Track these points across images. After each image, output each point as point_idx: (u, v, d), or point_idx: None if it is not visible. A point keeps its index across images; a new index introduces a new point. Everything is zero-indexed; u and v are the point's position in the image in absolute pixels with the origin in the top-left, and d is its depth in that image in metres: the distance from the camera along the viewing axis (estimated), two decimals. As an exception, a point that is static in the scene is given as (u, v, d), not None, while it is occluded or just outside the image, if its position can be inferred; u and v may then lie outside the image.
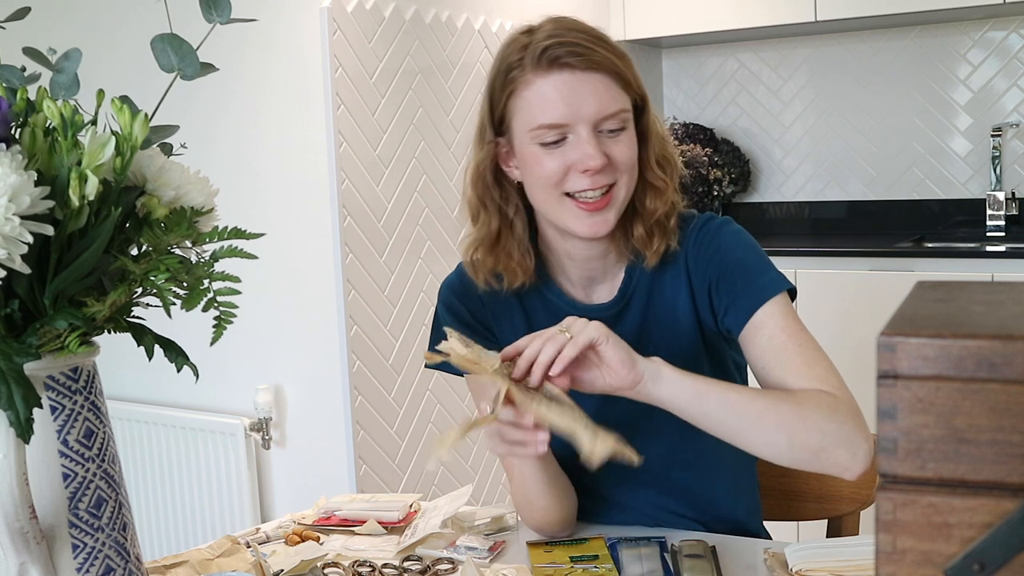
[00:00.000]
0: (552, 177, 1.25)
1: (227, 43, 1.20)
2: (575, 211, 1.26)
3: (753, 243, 1.34)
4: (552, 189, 1.26)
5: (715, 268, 1.30)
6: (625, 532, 1.33)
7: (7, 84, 0.93)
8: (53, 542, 0.89)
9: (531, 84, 1.25)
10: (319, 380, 2.67)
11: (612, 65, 1.24)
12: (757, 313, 1.26)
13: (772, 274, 1.29)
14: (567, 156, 1.24)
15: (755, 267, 1.30)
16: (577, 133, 1.24)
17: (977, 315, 0.55)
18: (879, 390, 0.53)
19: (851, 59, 3.61)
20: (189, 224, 0.89)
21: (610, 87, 1.24)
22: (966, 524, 0.52)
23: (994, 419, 0.51)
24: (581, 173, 1.24)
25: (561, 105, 1.23)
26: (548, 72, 1.24)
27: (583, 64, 1.23)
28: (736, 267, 1.30)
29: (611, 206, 1.26)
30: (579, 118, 1.23)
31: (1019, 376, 0.50)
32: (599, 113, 1.23)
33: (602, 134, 1.25)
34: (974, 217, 3.42)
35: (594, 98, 1.23)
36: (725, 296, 1.29)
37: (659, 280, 1.34)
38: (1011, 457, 0.51)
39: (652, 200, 1.30)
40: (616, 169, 1.26)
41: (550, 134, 1.25)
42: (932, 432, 0.52)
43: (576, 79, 1.23)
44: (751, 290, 1.27)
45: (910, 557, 0.53)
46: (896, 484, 0.53)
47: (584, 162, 1.23)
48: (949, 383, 0.51)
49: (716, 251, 1.31)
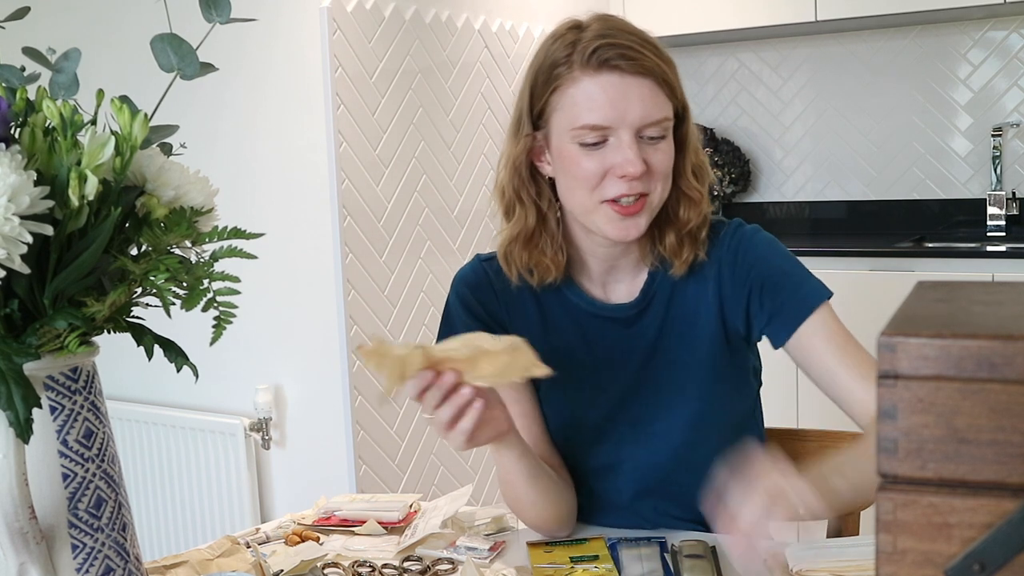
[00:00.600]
0: (590, 179, 1.25)
1: (227, 43, 1.20)
2: (610, 214, 1.25)
3: (786, 250, 1.35)
4: (589, 192, 1.25)
5: (756, 276, 1.31)
6: (625, 532, 1.33)
7: (7, 84, 0.93)
8: (53, 542, 0.89)
9: (578, 82, 1.24)
10: (319, 380, 2.67)
11: (660, 71, 1.24)
12: (806, 323, 1.28)
13: (813, 282, 1.31)
14: (606, 159, 1.24)
15: (796, 276, 1.31)
16: (619, 137, 1.23)
17: (977, 315, 0.55)
18: (879, 390, 0.53)
19: (851, 59, 3.61)
20: (189, 224, 0.89)
21: (656, 94, 1.24)
22: (966, 524, 0.52)
23: (994, 419, 0.51)
24: (619, 178, 1.23)
25: (607, 107, 1.22)
26: (597, 72, 1.23)
27: (633, 68, 1.22)
28: (779, 276, 1.30)
29: (644, 212, 1.26)
30: (623, 122, 1.22)
31: (1019, 376, 0.50)
32: (644, 119, 1.23)
33: (643, 140, 1.24)
34: (974, 217, 3.42)
35: (640, 103, 1.22)
36: (768, 305, 1.30)
37: (682, 286, 1.34)
38: (1011, 457, 0.51)
39: (686, 210, 1.31)
40: (652, 177, 1.25)
41: (592, 135, 1.23)
42: (932, 432, 0.52)
43: (625, 82, 1.22)
44: (797, 298, 1.29)
45: (910, 557, 0.53)
46: (896, 484, 0.53)
47: (623, 167, 1.22)
48: (949, 383, 0.51)
49: (756, 260, 1.31)
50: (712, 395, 1.33)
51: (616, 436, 1.36)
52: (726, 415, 1.35)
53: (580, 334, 1.36)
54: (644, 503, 1.38)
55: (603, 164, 1.24)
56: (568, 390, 1.36)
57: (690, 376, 1.33)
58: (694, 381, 1.33)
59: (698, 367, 1.32)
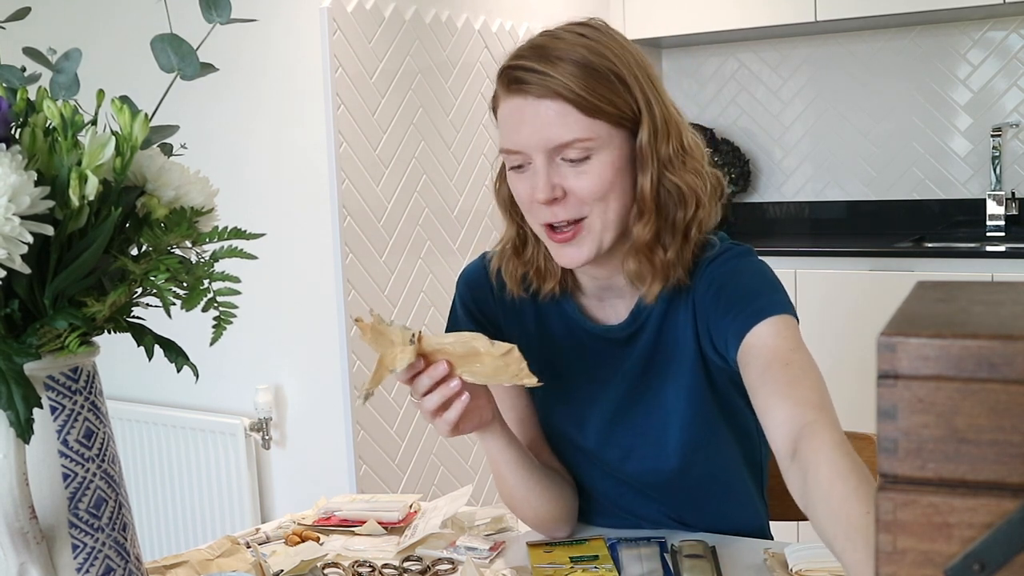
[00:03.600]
0: (523, 203, 1.21)
1: (227, 43, 1.20)
2: (549, 240, 1.21)
3: (761, 269, 1.24)
4: (529, 215, 1.22)
5: (710, 298, 1.22)
6: (625, 532, 1.33)
7: (7, 84, 0.93)
8: (53, 542, 0.89)
9: (500, 105, 1.21)
10: (319, 380, 2.67)
11: (567, 92, 1.14)
12: (748, 335, 1.16)
13: (770, 297, 1.19)
14: (529, 183, 1.19)
15: (754, 290, 1.20)
16: (533, 161, 1.17)
17: (977, 315, 0.55)
18: (879, 390, 0.53)
19: (851, 59, 3.61)
20: (189, 224, 0.89)
21: (566, 115, 1.14)
22: (966, 524, 0.52)
23: (994, 419, 0.51)
24: (539, 203, 1.18)
25: (514, 132, 1.17)
26: (508, 95, 1.18)
27: (535, 90, 1.15)
28: (734, 293, 1.20)
29: (582, 238, 1.18)
30: (530, 147, 1.16)
31: (1019, 376, 0.50)
32: (548, 143, 1.15)
33: (564, 163, 1.16)
34: (974, 217, 3.42)
35: (544, 127, 1.15)
36: (722, 323, 1.21)
37: (672, 310, 1.27)
38: (1011, 457, 0.51)
39: (638, 226, 1.20)
40: (580, 201, 1.17)
41: (512, 159, 1.19)
42: (932, 432, 0.52)
43: (528, 105, 1.16)
44: (745, 312, 1.18)
45: (910, 557, 0.53)
46: (896, 484, 0.53)
47: (533, 194, 1.17)
48: (949, 383, 0.51)
49: (720, 285, 1.22)
50: (700, 421, 1.28)
51: (609, 453, 1.34)
52: (716, 439, 1.31)
53: (575, 348, 1.33)
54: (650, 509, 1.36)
55: (528, 189, 1.19)
56: (561, 403, 1.35)
57: (679, 400, 1.28)
58: (682, 405, 1.28)
59: (685, 392, 1.28)
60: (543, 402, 1.36)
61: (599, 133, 1.16)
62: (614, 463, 1.34)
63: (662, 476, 1.32)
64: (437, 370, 1.13)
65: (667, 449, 1.29)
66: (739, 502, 1.37)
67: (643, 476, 1.33)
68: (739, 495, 1.36)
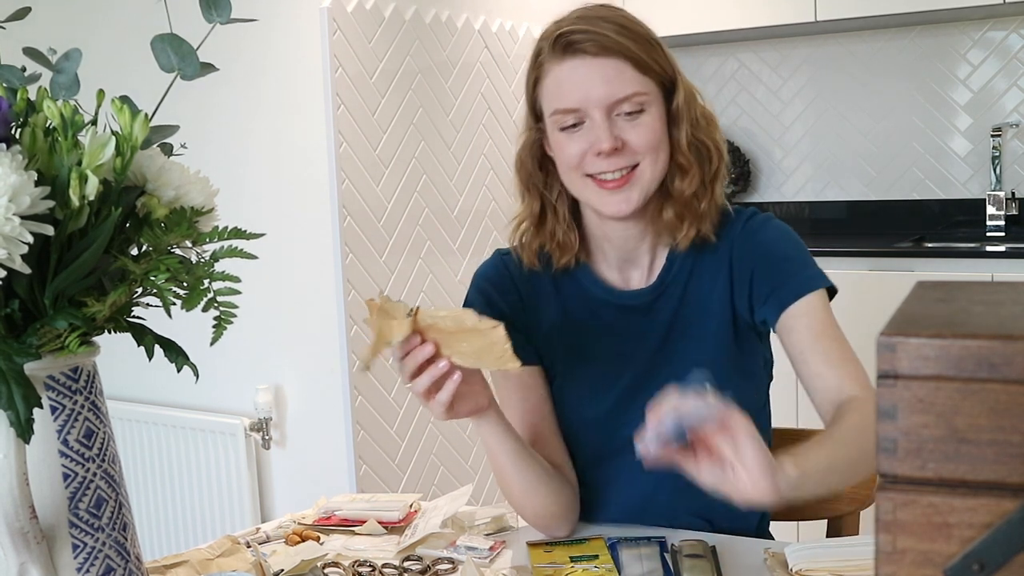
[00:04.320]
0: (572, 160, 1.29)
1: (227, 43, 1.20)
2: (596, 191, 1.29)
3: (797, 239, 1.36)
4: (574, 171, 1.29)
5: (759, 257, 1.33)
6: (625, 532, 1.33)
7: (7, 84, 0.93)
8: (53, 542, 0.89)
9: (550, 71, 1.29)
10: (319, 380, 2.67)
11: (624, 49, 1.26)
12: (798, 303, 1.29)
13: (815, 269, 1.32)
14: (584, 140, 1.27)
15: (799, 260, 1.33)
16: (591, 117, 1.26)
17: (977, 315, 0.55)
18: (879, 390, 0.53)
19: (851, 59, 3.61)
20: (189, 224, 0.89)
21: (623, 71, 1.26)
22: (966, 524, 0.52)
23: (994, 419, 0.51)
24: (595, 156, 1.27)
25: (573, 90, 1.26)
26: (563, 59, 1.27)
27: (594, 49, 1.25)
28: (781, 258, 1.32)
29: (632, 185, 1.28)
30: (591, 102, 1.26)
31: (1019, 376, 0.50)
32: (609, 97, 1.25)
33: (619, 117, 1.27)
34: (974, 217, 3.42)
35: (604, 83, 1.25)
36: (767, 284, 1.32)
37: (698, 271, 1.36)
38: (1011, 457, 0.51)
39: (679, 181, 1.31)
40: (634, 151, 1.27)
41: (567, 119, 1.28)
42: (932, 432, 0.52)
43: (587, 64, 1.26)
44: (794, 281, 1.30)
45: (910, 557, 0.53)
46: (896, 484, 0.53)
47: (596, 145, 1.26)
48: (949, 383, 0.51)
49: (761, 242, 1.33)
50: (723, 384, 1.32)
51: (628, 422, 1.36)
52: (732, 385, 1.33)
53: (596, 321, 1.38)
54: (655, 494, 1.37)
55: (582, 145, 1.27)
56: (583, 376, 1.38)
57: (702, 357, 1.33)
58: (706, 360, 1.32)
59: (710, 354, 1.32)
60: (566, 373, 1.38)
61: (649, 89, 1.28)
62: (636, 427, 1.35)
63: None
64: (422, 352, 1.15)
65: None
66: None
67: None
68: None
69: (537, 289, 1.40)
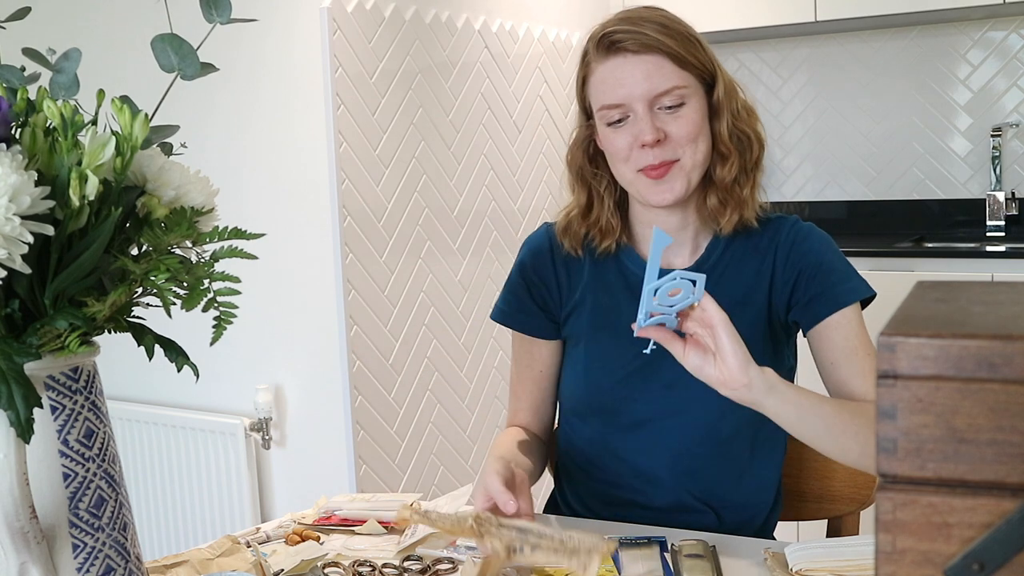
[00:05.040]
0: (621, 153, 1.35)
1: (227, 43, 1.20)
2: (645, 181, 1.35)
3: (838, 249, 1.44)
4: (624, 164, 1.36)
5: (807, 264, 1.38)
6: (625, 532, 1.33)
7: (7, 84, 0.93)
8: (53, 542, 0.89)
9: (595, 71, 1.37)
10: (319, 380, 2.67)
11: (663, 46, 1.32)
12: (836, 314, 1.35)
13: (857, 281, 1.39)
14: (630, 133, 1.34)
15: (842, 272, 1.39)
16: (635, 111, 1.33)
17: (977, 315, 0.55)
18: (879, 390, 0.53)
19: (851, 59, 3.61)
20: (189, 224, 0.89)
21: (662, 66, 1.32)
22: (966, 524, 0.52)
23: (994, 419, 0.51)
24: (641, 148, 1.33)
25: (616, 86, 1.34)
26: (606, 57, 1.35)
27: (634, 46, 1.32)
28: (827, 269, 1.39)
29: (676, 175, 1.34)
30: (633, 97, 1.33)
31: (1019, 376, 0.50)
32: (650, 92, 1.32)
33: (661, 111, 1.33)
34: (974, 217, 3.42)
35: (645, 78, 1.32)
36: (810, 290, 1.37)
37: (737, 261, 1.41)
38: (1011, 457, 0.51)
39: (721, 169, 1.37)
40: (675, 144, 1.33)
41: (612, 114, 1.35)
42: (932, 432, 0.52)
43: (628, 62, 1.33)
44: (838, 291, 1.36)
45: (910, 557, 0.53)
46: (896, 484, 0.53)
47: (640, 138, 1.33)
48: (949, 383, 0.51)
49: (809, 249, 1.40)
50: None
51: (651, 397, 1.40)
52: None
53: (629, 295, 1.43)
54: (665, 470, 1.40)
55: (628, 139, 1.34)
56: (612, 345, 1.43)
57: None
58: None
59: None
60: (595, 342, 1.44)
61: (689, 83, 1.34)
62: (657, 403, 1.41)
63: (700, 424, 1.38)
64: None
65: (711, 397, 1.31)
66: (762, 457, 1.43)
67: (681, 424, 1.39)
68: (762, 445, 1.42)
69: (575, 262, 1.47)
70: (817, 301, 1.37)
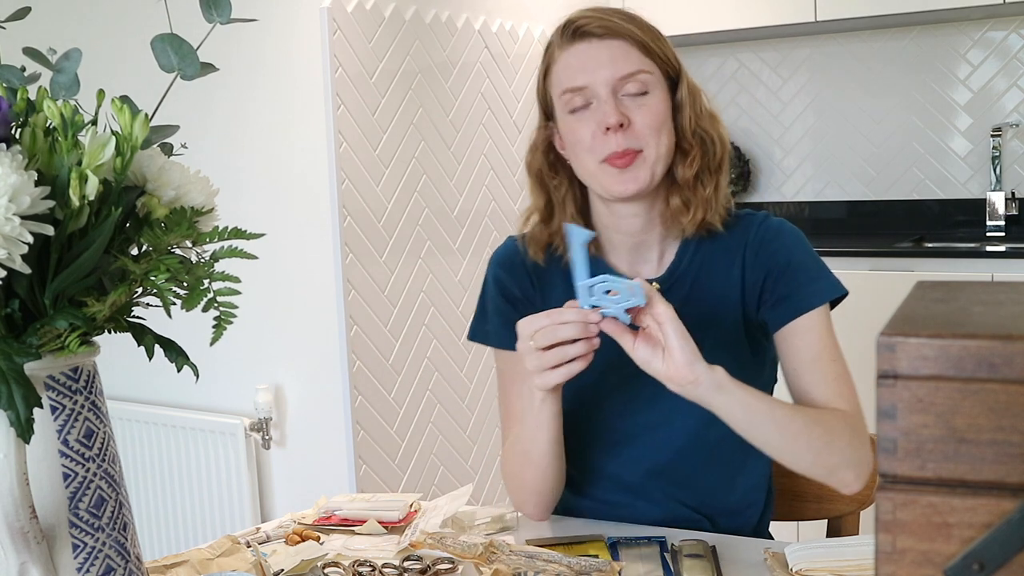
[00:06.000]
0: (584, 142, 1.32)
1: (227, 43, 1.20)
2: (609, 171, 1.31)
3: (809, 246, 1.39)
4: (588, 155, 1.32)
5: (776, 262, 1.35)
6: (625, 532, 1.33)
7: (7, 84, 0.93)
8: (53, 542, 0.89)
9: (559, 58, 1.34)
10: (319, 380, 2.67)
11: (629, 32, 1.31)
12: (803, 317, 1.32)
13: (825, 281, 1.35)
14: (593, 120, 1.31)
15: (812, 271, 1.35)
16: (598, 96, 1.30)
17: (977, 315, 0.55)
18: (879, 390, 0.53)
19: (851, 59, 3.61)
20: (189, 224, 0.89)
21: (628, 51, 1.31)
22: (966, 524, 0.52)
23: (994, 419, 0.51)
24: (604, 133, 1.30)
25: (580, 70, 1.31)
26: (571, 43, 1.33)
27: (600, 31, 1.31)
28: (797, 266, 1.35)
29: (640, 164, 1.31)
30: (597, 81, 1.30)
31: (1019, 376, 0.50)
32: (614, 74, 1.30)
33: (626, 97, 1.31)
34: (974, 217, 3.42)
35: (610, 61, 1.30)
36: (778, 290, 1.34)
37: (708, 266, 1.38)
38: (1011, 457, 0.51)
39: (683, 167, 1.35)
40: (639, 133, 1.30)
41: (575, 98, 1.32)
42: (932, 432, 0.52)
43: (593, 46, 1.31)
44: (804, 292, 1.33)
45: (910, 557, 0.53)
46: (896, 484, 0.53)
47: (603, 121, 1.30)
48: (949, 383, 0.51)
49: (779, 247, 1.36)
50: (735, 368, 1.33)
51: (633, 411, 1.38)
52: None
53: None
54: (654, 484, 1.39)
55: (591, 125, 1.31)
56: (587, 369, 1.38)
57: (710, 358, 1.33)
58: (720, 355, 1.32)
59: (718, 349, 1.32)
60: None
61: (653, 71, 1.32)
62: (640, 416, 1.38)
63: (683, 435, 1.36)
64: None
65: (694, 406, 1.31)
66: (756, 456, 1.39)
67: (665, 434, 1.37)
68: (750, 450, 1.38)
69: (548, 273, 1.43)
70: (782, 303, 1.34)
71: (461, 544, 1.19)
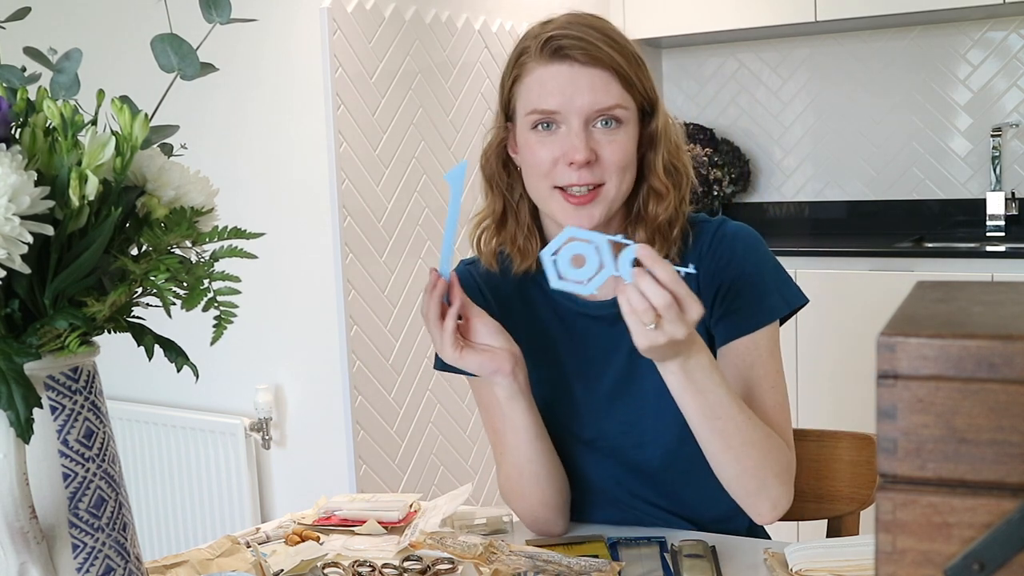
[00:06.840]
0: (542, 166, 1.26)
1: (227, 43, 1.20)
2: (562, 203, 1.26)
3: (766, 253, 1.34)
4: (542, 179, 1.27)
5: (725, 276, 1.31)
6: (625, 532, 1.33)
7: (7, 84, 0.93)
8: (53, 542, 0.89)
9: (533, 71, 1.27)
10: (319, 380, 2.67)
11: (614, 62, 1.25)
12: (745, 338, 1.29)
13: (776, 297, 1.30)
14: (557, 146, 1.25)
15: (761, 285, 1.30)
16: (569, 124, 1.25)
17: (977, 315, 0.55)
18: (879, 390, 0.53)
19: (851, 59, 3.61)
20: (189, 224, 0.89)
21: (609, 83, 1.25)
22: (966, 524, 0.52)
23: (994, 419, 0.51)
24: (568, 166, 1.24)
25: (556, 93, 1.25)
26: (550, 61, 1.26)
27: (583, 57, 1.24)
28: (746, 280, 1.30)
29: (597, 203, 1.26)
30: (571, 108, 1.24)
31: (1019, 376, 0.50)
32: (592, 106, 1.24)
33: (596, 129, 1.25)
34: (974, 217, 3.42)
35: (589, 91, 1.24)
36: (725, 305, 1.30)
37: None
38: (1011, 457, 0.51)
39: (654, 206, 1.30)
40: (604, 168, 1.25)
41: (543, 120, 1.26)
42: (932, 432, 0.52)
43: (574, 71, 1.25)
44: (749, 312, 1.29)
45: (910, 557, 0.53)
46: (896, 484, 0.53)
47: (570, 154, 1.24)
48: (949, 383, 0.51)
49: (729, 260, 1.31)
50: None
51: (606, 433, 1.36)
52: None
53: (565, 332, 1.36)
54: (635, 501, 1.38)
55: (554, 151, 1.25)
56: (556, 388, 1.36)
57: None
58: None
59: None
60: (537, 384, 1.35)
61: (630, 106, 1.27)
62: (613, 439, 1.35)
63: (659, 451, 1.33)
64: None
65: (666, 420, 1.30)
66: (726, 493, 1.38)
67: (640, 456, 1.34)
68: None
69: (504, 296, 1.39)
70: (725, 320, 1.30)
71: (461, 544, 1.19)
